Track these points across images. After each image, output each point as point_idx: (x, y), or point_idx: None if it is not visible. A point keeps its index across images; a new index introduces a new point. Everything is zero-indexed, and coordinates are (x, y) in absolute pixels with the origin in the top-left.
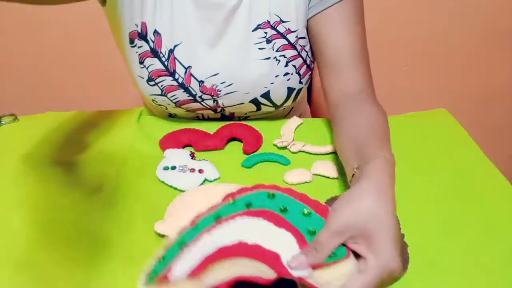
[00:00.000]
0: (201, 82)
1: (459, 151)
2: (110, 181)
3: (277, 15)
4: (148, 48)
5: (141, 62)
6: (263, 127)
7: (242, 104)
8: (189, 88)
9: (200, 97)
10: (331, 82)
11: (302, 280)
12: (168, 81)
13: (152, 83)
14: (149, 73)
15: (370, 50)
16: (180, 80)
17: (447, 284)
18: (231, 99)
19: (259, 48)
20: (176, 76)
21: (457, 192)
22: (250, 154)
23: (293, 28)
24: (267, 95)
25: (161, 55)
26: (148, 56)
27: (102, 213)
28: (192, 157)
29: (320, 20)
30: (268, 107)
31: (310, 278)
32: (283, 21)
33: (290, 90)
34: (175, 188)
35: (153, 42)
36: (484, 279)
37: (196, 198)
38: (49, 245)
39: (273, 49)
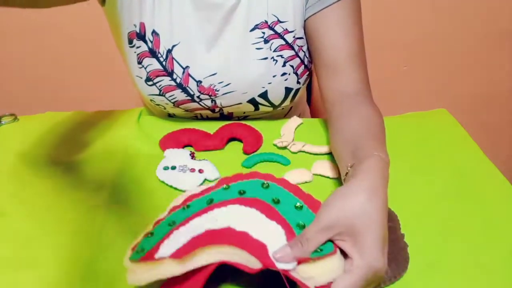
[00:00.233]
0: (199, 82)
1: (459, 151)
2: (110, 181)
3: (274, 15)
4: (146, 48)
5: (140, 62)
6: (263, 127)
7: (240, 104)
8: (187, 88)
9: (198, 97)
10: (327, 83)
11: (286, 273)
12: (166, 81)
13: (150, 83)
14: (147, 73)
15: (370, 50)
16: (178, 80)
17: (447, 284)
18: (229, 99)
19: (257, 48)
20: (174, 76)
21: (457, 192)
22: (250, 154)
23: (290, 28)
24: (264, 95)
25: (159, 55)
26: (146, 56)
27: (102, 213)
28: (192, 157)
29: (317, 20)
30: (266, 107)
31: (294, 271)
32: (281, 21)
33: (288, 90)
34: (175, 188)
35: (151, 42)
36: (484, 279)
37: None
38: (49, 245)
39: (270, 49)
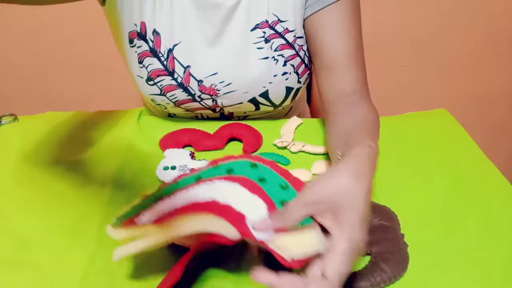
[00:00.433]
0: (200, 82)
1: (459, 151)
2: (110, 181)
3: (275, 15)
4: (147, 48)
5: (140, 62)
6: (263, 127)
7: (241, 103)
8: (188, 87)
9: (199, 96)
10: (325, 82)
11: (262, 244)
12: (167, 80)
13: (151, 82)
14: (148, 72)
15: (371, 50)
16: (179, 80)
17: (447, 284)
18: (230, 99)
19: (258, 48)
20: (175, 76)
21: (457, 192)
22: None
23: (291, 28)
24: (265, 94)
25: (160, 55)
26: (147, 56)
27: (102, 212)
28: (192, 157)
29: (316, 19)
30: (267, 106)
31: (271, 242)
32: (281, 21)
33: (289, 90)
34: None
35: (152, 41)
36: (484, 279)
37: None
38: (49, 245)
39: (271, 49)
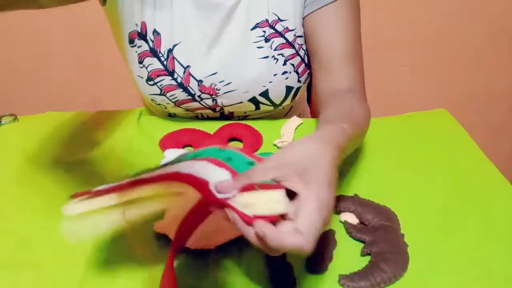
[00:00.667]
0: (200, 82)
1: (459, 151)
2: (110, 180)
3: (275, 14)
4: (147, 48)
5: (141, 62)
6: (263, 127)
7: (241, 103)
8: (188, 87)
9: (199, 96)
10: (322, 80)
11: (225, 204)
12: (167, 80)
13: (151, 82)
14: (148, 72)
15: (371, 50)
16: (179, 80)
17: (447, 284)
18: (230, 98)
19: (258, 47)
20: (175, 76)
21: (457, 192)
22: None
23: (291, 27)
24: (265, 94)
25: (160, 55)
26: (148, 56)
27: None
28: None
29: (314, 18)
30: (267, 106)
31: (234, 201)
32: (281, 20)
33: (289, 89)
34: None
35: (152, 41)
36: (484, 279)
37: None
38: (49, 245)
39: (271, 48)
